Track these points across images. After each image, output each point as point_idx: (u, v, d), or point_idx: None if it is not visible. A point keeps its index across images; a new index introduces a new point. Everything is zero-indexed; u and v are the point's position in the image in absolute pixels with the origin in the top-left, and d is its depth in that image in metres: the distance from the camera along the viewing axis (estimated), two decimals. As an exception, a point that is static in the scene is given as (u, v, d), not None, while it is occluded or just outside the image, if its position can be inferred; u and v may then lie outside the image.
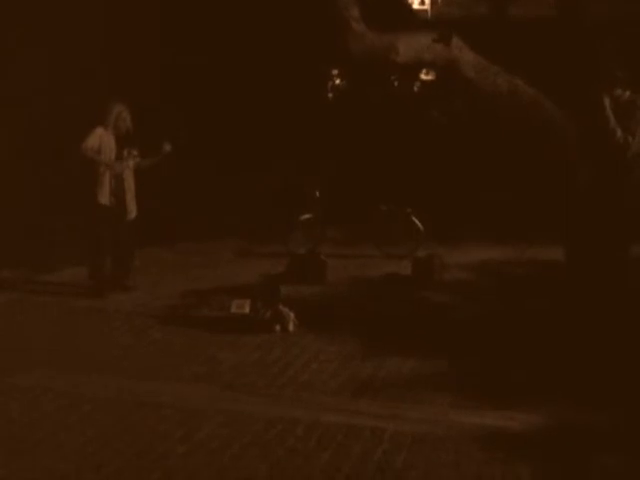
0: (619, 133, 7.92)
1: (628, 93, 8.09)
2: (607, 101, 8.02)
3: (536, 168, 11.16)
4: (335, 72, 15.54)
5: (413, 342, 7.61)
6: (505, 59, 11.05)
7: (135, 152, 9.67)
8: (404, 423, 5.72)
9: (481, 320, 8.35)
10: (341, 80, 15.66)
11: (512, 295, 9.30)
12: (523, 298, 9.11)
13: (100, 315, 8.77)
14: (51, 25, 12.38)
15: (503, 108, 10.53)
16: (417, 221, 11.52)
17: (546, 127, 8.89)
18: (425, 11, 25.02)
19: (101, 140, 9.46)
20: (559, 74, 10.82)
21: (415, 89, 15.25)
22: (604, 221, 8.13)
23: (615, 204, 8.11)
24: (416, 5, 24.25)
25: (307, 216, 11.76)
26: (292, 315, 8.13)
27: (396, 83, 15.18)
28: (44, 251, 11.16)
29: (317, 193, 11.89)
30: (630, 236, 8.24)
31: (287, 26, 13.17)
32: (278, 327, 8.01)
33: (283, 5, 12.96)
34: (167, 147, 9.71)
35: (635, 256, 8.71)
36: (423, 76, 14.66)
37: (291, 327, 8.05)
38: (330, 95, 15.70)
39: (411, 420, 5.79)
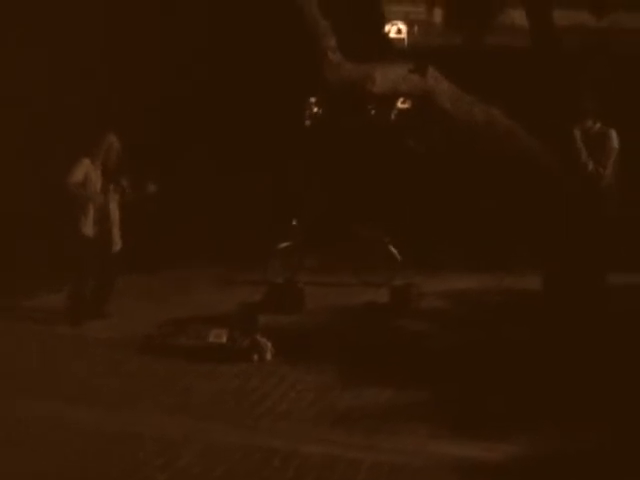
0: (591, 165, 8.02)
1: (598, 125, 8.19)
2: (578, 133, 8.12)
3: (513, 198, 11.25)
4: (313, 100, 15.59)
5: (391, 371, 7.61)
6: (481, 89, 11.17)
7: (124, 183, 9.66)
8: (382, 454, 5.73)
9: (459, 349, 8.35)
10: (319, 108, 15.71)
11: (490, 324, 9.30)
12: (501, 327, 9.11)
13: (77, 343, 8.70)
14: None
15: (479, 138, 10.64)
16: (394, 250, 11.54)
17: (521, 158, 9.00)
18: (402, 40, 25.27)
19: (87, 172, 9.43)
20: (534, 105, 10.96)
21: (392, 117, 15.33)
22: (580, 250, 8.22)
23: (590, 234, 8.19)
24: (393, 34, 24.50)
25: (285, 244, 11.76)
26: (269, 344, 8.11)
27: (373, 111, 15.25)
28: (21, 276, 11.08)
29: (294, 222, 11.90)
30: (606, 264, 8.32)
31: (267, 53, 13.25)
32: (256, 356, 7.99)
33: (263, 33, 13.04)
34: (152, 187, 9.72)
35: (612, 284, 8.81)
36: (400, 104, 14.74)
37: (269, 356, 8.04)
38: (308, 123, 15.74)
39: (389, 451, 5.79)
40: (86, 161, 9.44)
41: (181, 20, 13.24)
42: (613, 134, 8.22)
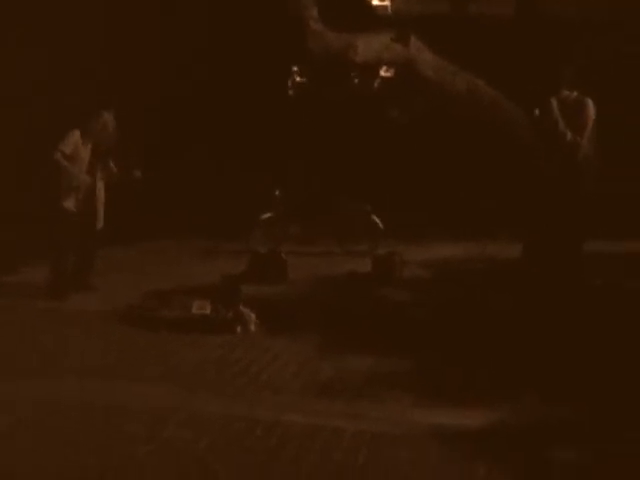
0: (569, 135, 8.02)
1: (575, 93, 8.19)
2: (555, 102, 8.11)
3: (497, 166, 11.27)
4: (295, 69, 15.52)
5: (373, 340, 7.67)
6: (465, 57, 11.16)
7: (111, 165, 9.63)
8: (364, 422, 5.77)
9: (441, 317, 8.42)
10: (301, 77, 15.64)
11: (472, 292, 9.38)
12: (483, 295, 9.19)
13: (60, 316, 8.72)
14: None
15: (462, 107, 10.65)
16: (377, 219, 11.58)
17: (506, 127, 9.01)
18: (385, 7, 25.07)
19: (76, 147, 9.36)
20: (517, 74, 10.95)
21: (375, 86, 15.28)
22: (559, 219, 8.26)
23: (569, 203, 8.23)
24: (376, 1, 24.32)
25: (268, 215, 11.78)
26: (253, 315, 8.15)
27: (356, 80, 15.20)
28: (2, 250, 11.07)
29: (277, 192, 11.91)
30: (584, 233, 8.38)
31: (249, 23, 13.19)
32: (239, 328, 8.03)
33: (245, 4, 12.99)
34: (137, 174, 9.71)
35: (589, 252, 8.88)
36: (383, 73, 14.69)
37: (252, 327, 8.08)
38: (291, 92, 15.68)
39: (371, 419, 5.84)
40: (77, 133, 9.36)
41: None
42: (590, 103, 8.23)
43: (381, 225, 11.55)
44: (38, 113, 12.27)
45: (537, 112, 8.30)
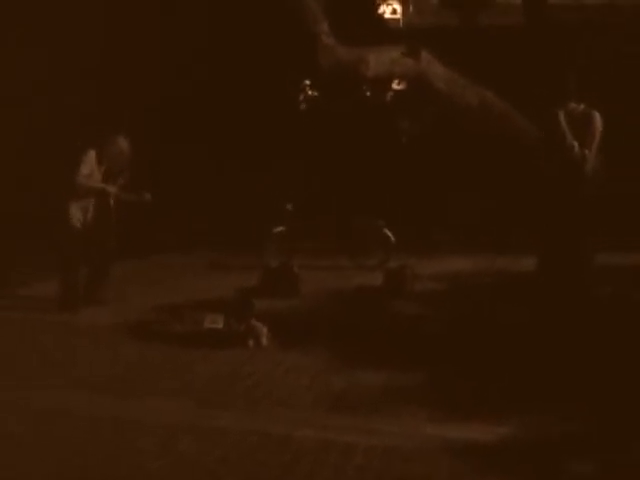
0: (577, 148, 8.03)
1: (582, 106, 8.20)
2: (562, 115, 8.12)
3: (507, 179, 11.28)
4: (307, 83, 15.59)
5: (386, 354, 7.66)
6: (476, 69, 11.18)
7: (121, 184, 9.71)
8: (377, 437, 5.77)
9: (453, 331, 8.42)
10: (313, 91, 15.71)
11: (484, 306, 9.38)
12: (495, 309, 9.18)
13: (71, 330, 8.76)
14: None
15: (473, 120, 10.66)
16: (388, 232, 11.59)
17: (515, 140, 9.02)
18: (397, 20, 25.19)
19: (92, 168, 9.48)
20: (526, 85, 10.97)
21: (387, 99, 15.34)
22: (567, 233, 8.28)
23: (577, 216, 8.24)
24: (388, 14, 24.42)
25: (280, 229, 11.80)
26: (265, 329, 8.16)
27: (368, 93, 15.26)
28: (13, 265, 11.12)
29: (289, 206, 11.94)
30: (593, 244, 8.38)
31: (261, 38, 13.25)
32: (251, 342, 8.04)
33: (257, 18, 13.04)
34: (147, 196, 9.77)
35: (602, 264, 8.88)
36: (395, 86, 14.75)
37: (264, 341, 8.09)
38: (303, 106, 15.75)
39: (384, 433, 5.83)
40: (92, 154, 9.46)
41: (180, 16, 13.25)
42: (597, 116, 8.25)
43: (393, 238, 11.55)
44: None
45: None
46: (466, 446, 5.57)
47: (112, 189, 9.63)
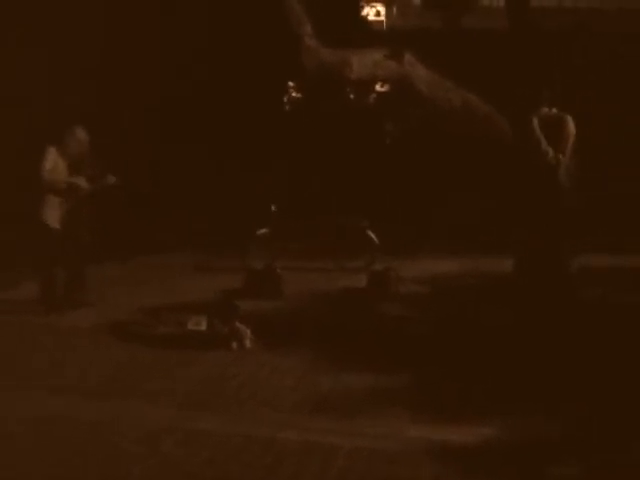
0: (551, 153, 8.10)
1: (554, 110, 8.27)
2: (536, 121, 8.19)
3: (492, 180, 11.31)
4: (292, 84, 15.60)
5: (370, 356, 7.67)
6: (458, 72, 11.22)
7: (85, 175, 9.66)
8: (361, 439, 5.77)
9: (437, 333, 8.44)
10: (297, 92, 15.72)
11: (468, 307, 9.40)
12: (479, 310, 9.21)
13: (54, 333, 8.72)
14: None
15: (456, 122, 10.69)
16: (372, 234, 11.60)
17: (499, 142, 9.04)
18: (381, 22, 25.24)
19: (55, 163, 9.44)
20: (510, 89, 11.00)
21: (371, 101, 15.36)
22: (544, 235, 8.34)
23: (553, 219, 8.31)
24: (372, 16, 24.47)
25: (264, 230, 11.80)
26: (249, 331, 8.15)
27: (352, 95, 15.28)
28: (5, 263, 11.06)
29: (274, 207, 11.93)
30: (571, 248, 8.44)
31: (246, 38, 13.25)
32: (235, 344, 8.03)
33: (242, 20, 13.05)
34: (111, 179, 9.73)
35: (593, 266, 8.93)
36: (378, 88, 14.78)
37: (248, 343, 8.08)
38: (287, 107, 15.76)
39: (368, 436, 5.84)
40: (53, 150, 9.43)
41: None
42: (570, 120, 8.32)
43: (377, 240, 11.57)
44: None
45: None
46: (450, 448, 5.58)
47: (80, 181, 9.58)
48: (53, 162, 9.42)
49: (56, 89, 12.47)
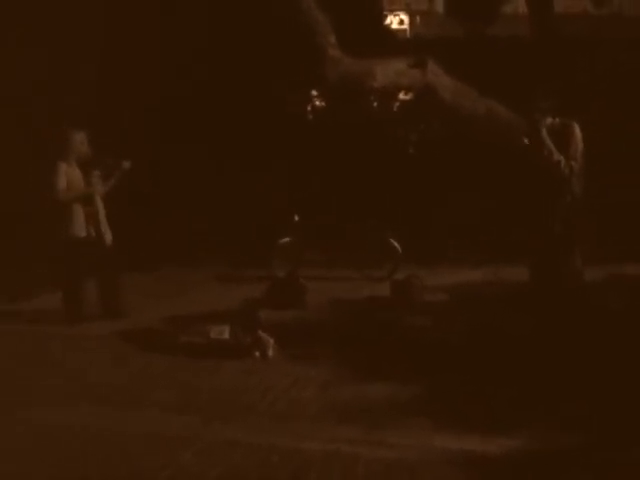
0: (563, 161, 8.07)
1: (558, 120, 8.24)
2: (544, 131, 8.17)
3: (516, 190, 11.26)
4: (315, 93, 15.62)
5: (393, 366, 7.64)
6: (483, 79, 11.20)
7: (98, 173, 9.67)
8: (382, 449, 5.76)
9: (460, 342, 8.39)
10: (321, 101, 15.73)
11: (491, 317, 9.34)
12: (502, 319, 9.14)
13: (77, 342, 8.76)
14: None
15: (479, 131, 10.66)
16: (395, 243, 11.58)
17: (520, 152, 8.98)
18: (404, 31, 25.31)
19: (68, 175, 9.45)
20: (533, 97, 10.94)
21: (394, 109, 15.35)
22: (556, 243, 8.32)
23: (565, 227, 8.28)
24: (395, 25, 24.53)
25: (286, 239, 11.80)
26: (272, 341, 8.16)
27: (375, 104, 15.27)
28: (17, 276, 11.12)
29: (296, 217, 11.93)
30: (579, 257, 8.42)
31: (268, 48, 13.28)
32: (257, 353, 8.04)
33: (264, 29, 13.07)
34: (126, 164, 9.72)
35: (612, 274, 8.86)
36: (402, 96, 14.76)
37: (270, 353, 8.08)
38: (310, 117, 15.77)
39: (390, 445, 5.82)
40: (62, 165, 9.43)
41: (181, 18, 13.27)
42: (576, 127, 8.30)
43: (400, 249, 11.54)
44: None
45: (526, 141, 8.39)
46: (472, 458, 5.55)
47: (96, 186, 9.60)
48: (65, 177, 9.43)
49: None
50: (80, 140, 9.57)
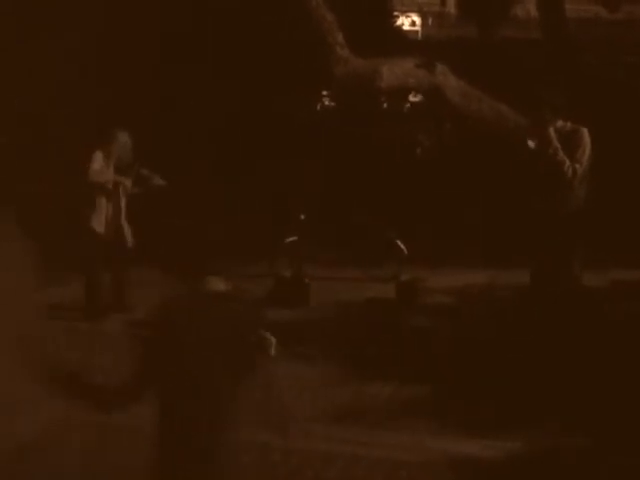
0: (567, 164, 8.05)
1: (569, 124, 8.21)
2: (552, 130, 8.15)
3: (523, 190, 11.23)
4: (325, 93, 15.61)
5: (395, 367, 7.63)
6: (494, 81, 11.19)
7: (131, 179, 9.67)
8: (381, 450, 5.76)
9: (462, 345, 8.37)
10: (330, 101, 15.72)
11: (494, 320, 9.32)
12: (505, 322, 9.12)
13: (94, 336, 8.77)
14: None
15: (487, 133, 10.65)
16: (401, 244, 11.55)
17: (528, 154, 8.95)
18: (416, 32, 25.33)
19: (102, 165, 9.44)
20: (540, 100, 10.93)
21: (404, 111, 15.34)
22: (558, 247, 8.30)
23: (569, 231, 8.26)
24: (407, 26, 24.53)
25: (291, 239, 11.78)
26: (274, 340, 8.13)
27: (385, 104, 15.26)
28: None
29: (302, 216, 11.91)
30: (581, 263, 8.39)
31: (277, 48, 13.28)
32: (259, 352, 8.00)
33: (273, 28, 13.07)
34: (157, 181, 9.72)
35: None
36: (412, 97, 14.75)
37: (272, 351, 8.05)
38: (320, 117, 15.76)
39: (389, 447, 5.82)
40: (99, 153, 9.42)
41: (183, 18, 13.28)
42: (585, 132, 8.26)
43: (405, 251, 11.51)
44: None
45: (532, 144, 8.36)
46: (470, 460, 5.56)
47: (126, 181, 9.59)
48: (100, 164, 9.42)
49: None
50: (122, 142, 9.53)
